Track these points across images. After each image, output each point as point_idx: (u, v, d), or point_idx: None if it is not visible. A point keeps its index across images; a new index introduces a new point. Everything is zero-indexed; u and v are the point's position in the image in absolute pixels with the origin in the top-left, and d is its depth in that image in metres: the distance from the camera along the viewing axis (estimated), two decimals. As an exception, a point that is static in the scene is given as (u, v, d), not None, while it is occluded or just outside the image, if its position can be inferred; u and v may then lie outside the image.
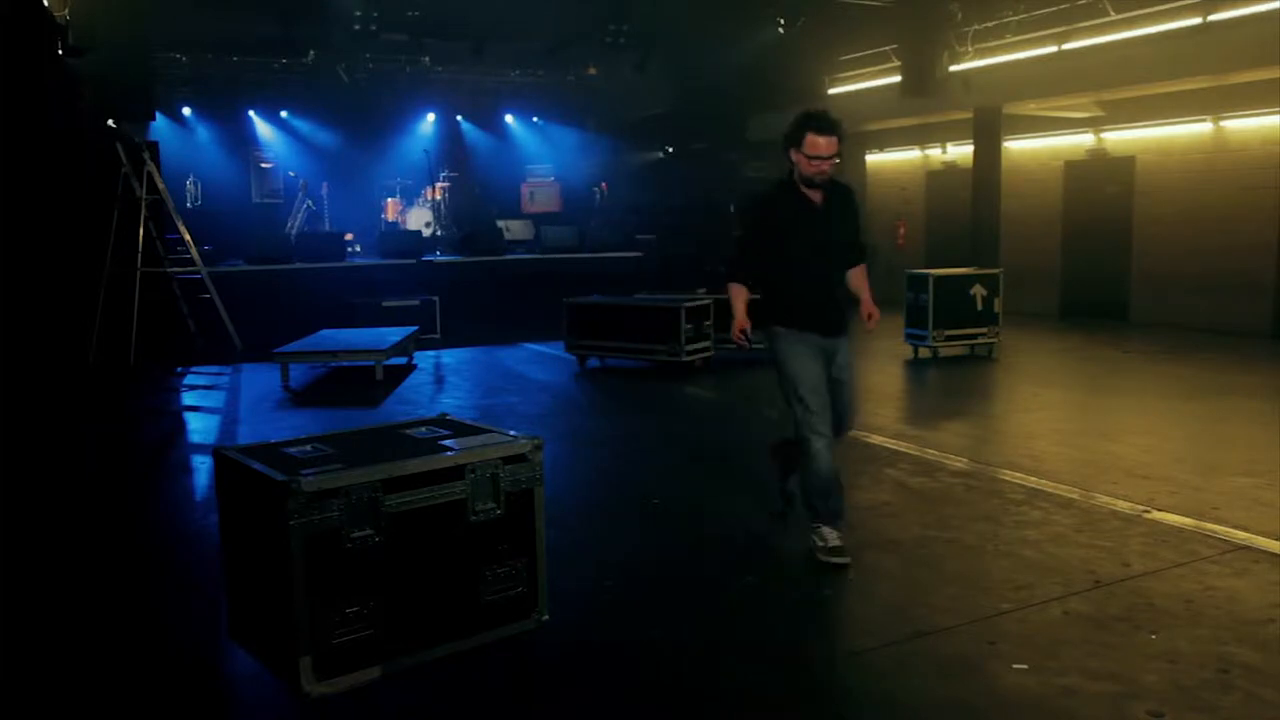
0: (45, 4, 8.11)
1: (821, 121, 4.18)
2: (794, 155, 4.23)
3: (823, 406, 4.20)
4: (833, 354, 4.33)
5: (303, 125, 17.16)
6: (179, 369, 10.14)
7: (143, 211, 10.34)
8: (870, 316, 4.43)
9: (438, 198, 16.80)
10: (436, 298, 12.19)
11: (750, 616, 3.76)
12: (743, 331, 4.29)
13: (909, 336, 10.06)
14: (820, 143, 4.15)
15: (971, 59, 12.72)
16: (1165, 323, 12.17)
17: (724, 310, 9.88)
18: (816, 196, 4.30)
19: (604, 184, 18.56)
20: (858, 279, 4.56)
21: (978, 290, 9.97)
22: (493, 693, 3.21)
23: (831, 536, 4.24)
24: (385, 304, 11.82)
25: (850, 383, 4.43)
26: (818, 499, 4.26)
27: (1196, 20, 10.34)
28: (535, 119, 18.99)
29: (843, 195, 4.45)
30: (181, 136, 16.04)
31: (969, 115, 13.34)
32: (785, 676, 3.30)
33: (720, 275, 11.11)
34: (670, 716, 3.05)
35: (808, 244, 4.30)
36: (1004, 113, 13.04)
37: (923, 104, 13.04)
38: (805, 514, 4.36)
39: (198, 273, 10.80)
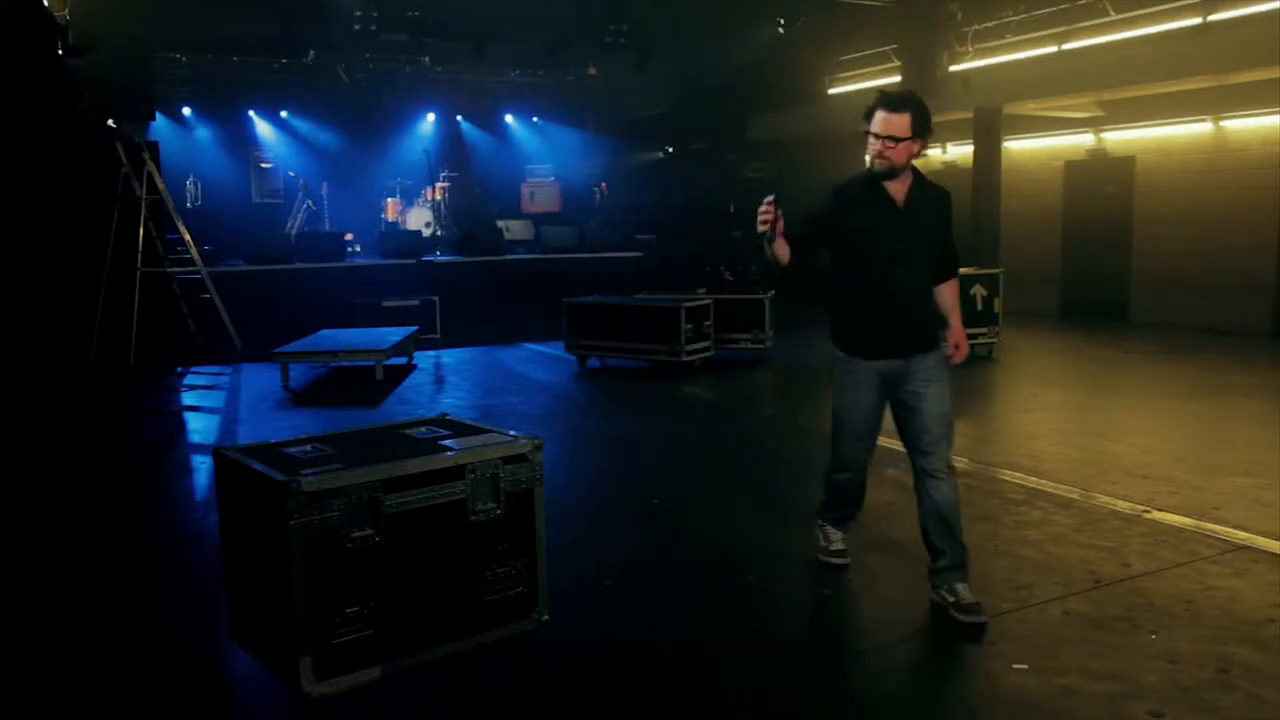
0: (45, 4, 8.11)
1: (893, 97, 3.65)
2: (869, 138, 3.68)
3: (862, 442, 3.89)
4: (902, 377, 3.74)
5: (303, 125, 17.15)
6: (179, 369, 10.13)
7: (143, 211, 10.33)
8: (958, 348, 3.88)
9: (438, 198, 16.80)
10: (436, 298, 12.18)
11: (750, 616, 3.76)
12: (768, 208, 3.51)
13: (909, 336, 10.05)
14: (891, 121, 3.59)
15: (971, 59, 12.73)
16: (1165, 323, 12.17)
17: (724, 310, 10.02)
18: (897, 192, 3.71)
19: (604, 184, 18.56)
20: (948, 297, 3.94)
21: (978, 290, 9.97)
22: (493, 693, 3.21)
23: (835, 538, 4.19)
24: (385, 304, 11.82)
25: (930, 409, 3.70)
26: (829, 505, 4.17)
27: (1196, 20, 10.33)
28: (535, 119, 18.98)
29: (932, 196, 3.82)
30: (181, 136, 16.03)
31: (969, 115, 13.34)
32: (785, 676, 3.29)
33: (720, 275, 11.19)
34: (670, 716, 3.05)
35: (877, 245, 3.70)
36: (1004, 113, 13.04)
37: (923, 104, 13.02)
38: (815, 512, 4.30)
39: (198, 273, 10.80)
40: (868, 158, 3.70)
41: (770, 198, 3.51)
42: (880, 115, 3.62)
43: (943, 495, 3.67)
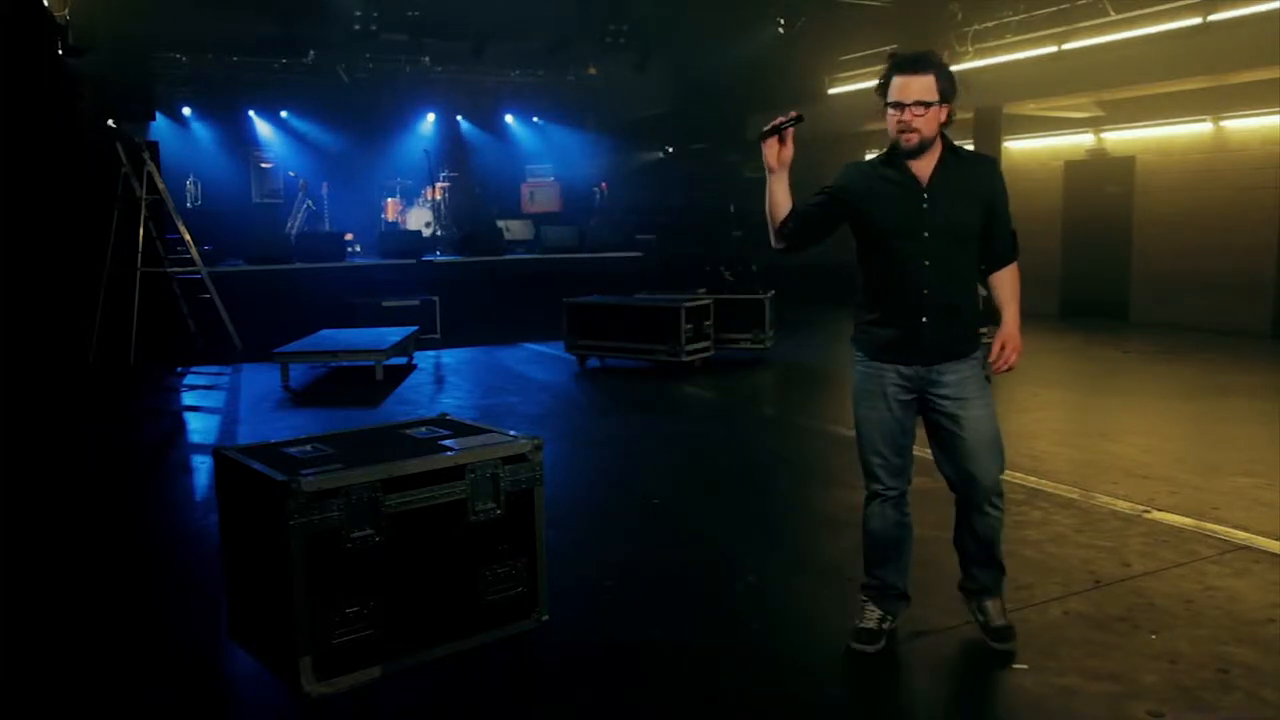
0: (45, 4, 8.11)
1: (909, 57, 3.10)
2: (887, 113, 3.14)
3: (888, 460, 3.31)
4: (932, 384, 3.24)
5: (303, 125, 17.16)
6: (179, 369, 10.13)
7: (143, 211, 10.33)
8: (1004, 347, 3.27)
9: (438, 198, 16.80)
10: (436, 298, 12.19)
11: (750, 616, 3.76)
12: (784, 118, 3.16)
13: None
14: (914, 84, 3.04)
15: (971, 59, 12.72)
16: (1165, 323, 12.17)
17: (724, 310, 10.02)
18: (921, 170, 3.16)
19: (604, 184, 18.56)
20: (1005, 286, 3.40)
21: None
22: (493, 693, 3.21)
23: (870, 615, 3.40)
24: (385, 304, 11.82)
25: (976, 433, 3.25)
26: (866, 565, 3.48)
27: (1196, 20, 10.34)
28: (535, 119, 18.99)
29: (968, 168, 3.22)
30: (181, 136, 16.04)
31: (969, 115, 13.33)
32: (785, 677, 3.29)
33: (720, 275, 11.18)
34: (670, 716, 3.05)
35: (899, 232, 3.17)
36: (1004, 113, 13.03)
37: (923, 104, 13.02)
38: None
39: (198, 273, 10.80)
40: (891, 133, 3.14)
41: (795, 113, 3.15)
42: (898, 81, 3.07)
43: (988, 526, 3.36)
